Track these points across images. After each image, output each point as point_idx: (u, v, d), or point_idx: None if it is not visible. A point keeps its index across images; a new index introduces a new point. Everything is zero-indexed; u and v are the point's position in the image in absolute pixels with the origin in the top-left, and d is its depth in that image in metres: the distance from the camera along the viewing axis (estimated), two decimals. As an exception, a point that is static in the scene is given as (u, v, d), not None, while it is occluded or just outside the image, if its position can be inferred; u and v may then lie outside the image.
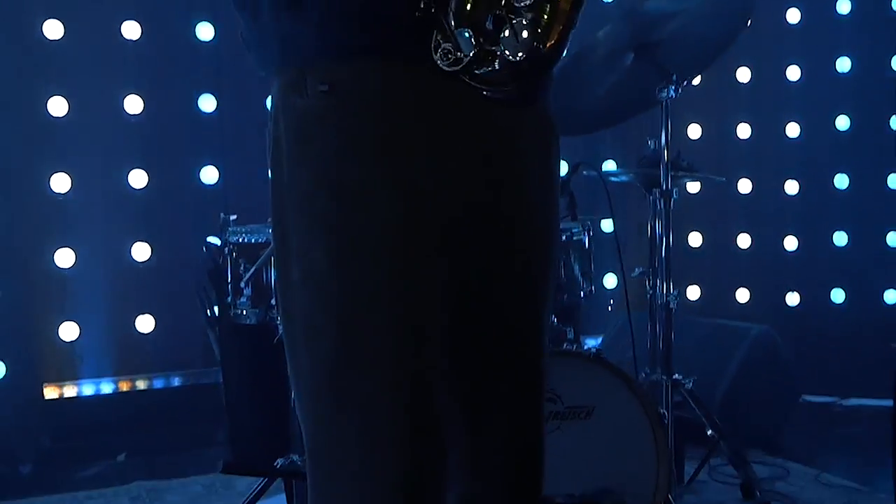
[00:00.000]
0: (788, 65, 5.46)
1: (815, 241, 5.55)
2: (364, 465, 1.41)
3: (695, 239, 5.50)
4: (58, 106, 4.35)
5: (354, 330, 1.40)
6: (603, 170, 3.44)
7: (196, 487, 3.86)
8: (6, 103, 4.19)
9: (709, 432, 3.34)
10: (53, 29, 4.33)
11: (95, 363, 4.50)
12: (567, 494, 2.30)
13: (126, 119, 4.48)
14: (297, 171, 1.44)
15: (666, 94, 3.04)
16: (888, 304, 5.51)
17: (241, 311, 2.88)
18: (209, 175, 4.62)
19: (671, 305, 3.09)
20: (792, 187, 5.53)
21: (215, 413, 4.07)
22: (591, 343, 4.82)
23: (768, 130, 5.48)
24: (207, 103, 4.58)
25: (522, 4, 1.34)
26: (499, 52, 1.34)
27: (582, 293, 3.14)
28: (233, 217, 3.07)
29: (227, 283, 2.92)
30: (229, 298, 2.92)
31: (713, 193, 5.33)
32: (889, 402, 4.86)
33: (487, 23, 1.34)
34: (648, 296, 3.23)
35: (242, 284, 2.86)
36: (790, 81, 5.48)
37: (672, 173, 3.18)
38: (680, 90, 3.02)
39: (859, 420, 4.64)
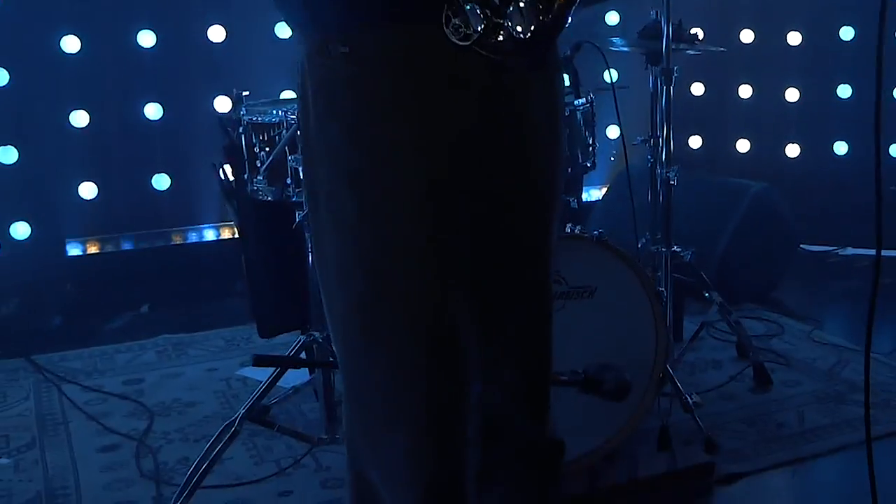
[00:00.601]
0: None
1: (818, 92, 5.58)
2: (393, 389, 1.57)
3: (697, 89, 5.56)
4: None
5: (382, 273, 1.54)
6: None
7: (218, 341, 4.07)
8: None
9: (706, 295, 3.50)
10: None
11: (115, 220, 4.64)
12: (571, 371, 2.45)
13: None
14: (324, 126, 1.56)
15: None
16: (891, 157, 5.56)
17: (258, 189, 2.99)
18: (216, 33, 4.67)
19: (671, 181, 3.19)
20: (795, 38, 5.53)
21: (232, 266, 4.25)
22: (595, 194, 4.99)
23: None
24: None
25: None
26: (506, 25, 1.42)
27: (586, 164, 3.25)
28: (245, 92, 3.14)
29: (244, 160, 3.01)
30: (246, 175, 3.02)
31: (716, 41, 5.35)
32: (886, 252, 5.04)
33: None
34: (649, 164, 3.31)
35: (258, 163, 2.95)
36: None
37: (674, 46, 3.23)
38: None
39: (857, 271, 4.77)
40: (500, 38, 1.44)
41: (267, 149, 2.94)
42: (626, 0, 4.01)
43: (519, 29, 1.42)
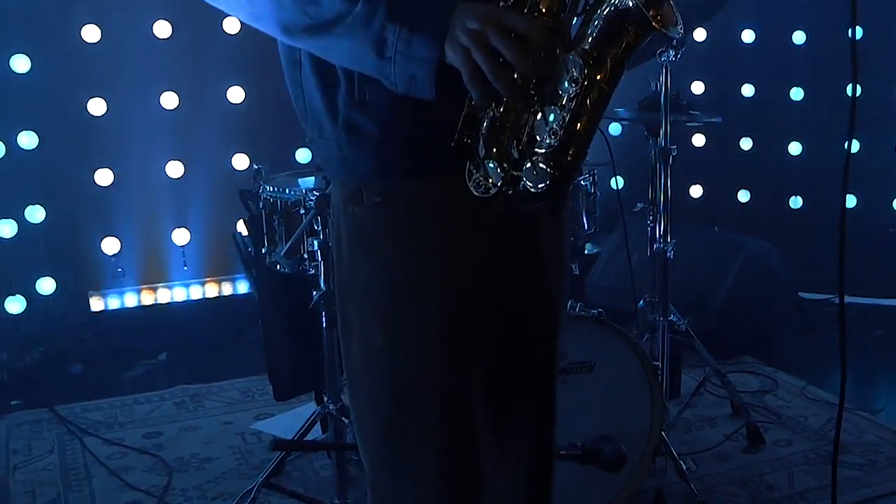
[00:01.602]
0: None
1: (819, 147, 5.69)
2: (414, 498, 1.78)
3: (698, 140, 5.70)
4: (91, 33, 4.54)
5: (406, 398, 1.75)
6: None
7: (233, 392, 4.24)
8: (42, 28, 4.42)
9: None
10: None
11: (136, 273, 4.82)
12: (570, 444, 2.62)
13: (157, 44, 4.67)
14: (358, 267, 1.76)
15: (666, 56, 3.24)
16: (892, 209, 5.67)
17: (276, 262, 3.16)
18: (235, 94, 4.85)
19: (668, 254, 3.35)
20: (797, 94, 5.66)
21: (246, 317, 4.43)
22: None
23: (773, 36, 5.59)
24: (231, 25, 4.75)
25: (542, 145, 1.58)
26: (523, 179, 1.60)
27: (588, 232, 3.43)
28: (265, 168, 3.32)
29: (263, 234, 3.19)
30: (265, 249, 3.19)
31: (715, 96, 5.51)
32: (883, 301, 5.17)
33: (513, 152, 1.60)
34: (648, 230, 3.47)
35: (277, 238, 3.12)
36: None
37: (672, 118, 3.39)
38: (679, 55, 3.22)
39: (853, 320, 4.89)
40: (518, 189, 1.61)
41: (285, 224, 3.12)
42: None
43: (534, 185, 1.59)
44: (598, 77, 1.57)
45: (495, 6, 1.62)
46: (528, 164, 1.59)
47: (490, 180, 1.62)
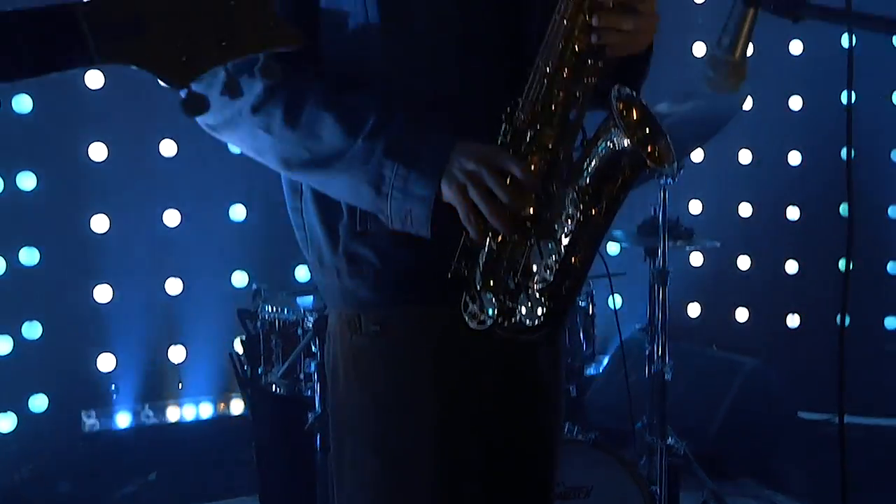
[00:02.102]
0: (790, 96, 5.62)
1: (816, 265, 5.70)
2: None
3: (696, 259, 5.73)
4: (98, 152, 4.59)
5: None
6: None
7: (225, 513, 4.17)
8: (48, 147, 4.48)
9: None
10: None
11: (131, 391, 4.79)
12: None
13: (160, 162, 4.72)
14: (353, 394, 1.77)
15: (664, 180, 3.28)
16: (889, 330, 5.68)
17: (272, 382, 3.15)
18: (237, 212, 4.88)
19: (666, 376, 3.35)
20: (793, 213, 5.70)
21: (237, 437, 4.38)
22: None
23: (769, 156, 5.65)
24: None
25: (539, 279, 1.60)
26: (518, 311, 1.61)
27: (586, 354, 3.43)
28: (265, 286, 3.33)
29: (260, 355, 3.18)
30: (261, 369, 3.19)
31: (713, 216, 5.55)
32: (884, 421, 5.13)
33: (509, 284, 1.62)
34: (646, 353, 3.47)
35: (274, 359, 3.12)
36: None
37: (671, 242, 3.42)
38: (677, 178, 3.26)
39: (852, 441, 4.84)
40: (514, 321, 1.62)
41: (283, 344, 3.12)
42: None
43: (530, 318, 1.60)
44: (594, 212, 1.60)
45: (492, 146, 1.65)
46: (524, 297, 1.60)
47: (486, 312, 1.63)
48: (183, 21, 1.11)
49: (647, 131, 1.65)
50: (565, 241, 1.59)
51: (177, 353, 4.81)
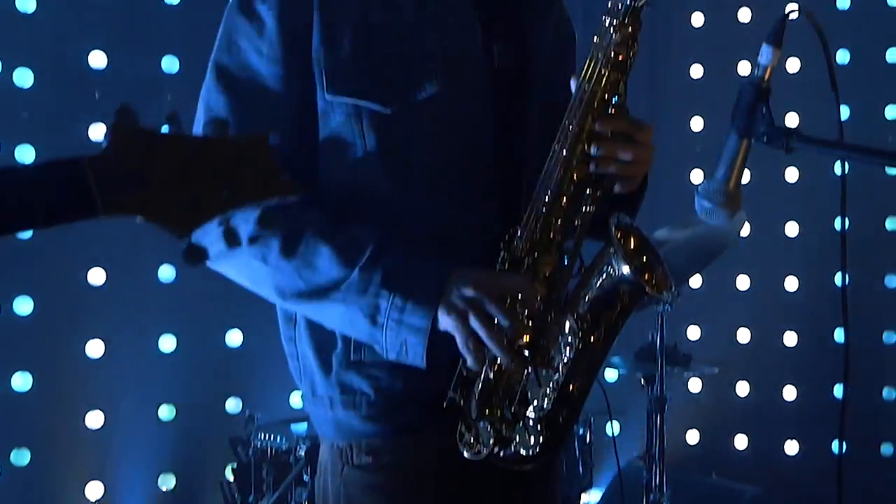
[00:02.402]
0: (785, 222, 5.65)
1: (814, 391, 5.66)
2: None
3: (694, 385, 5.69)
4: (96, 276, 4.59)
5: None
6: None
7: None
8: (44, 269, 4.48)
9: None
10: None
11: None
12: None
13: (157, 287, 4.72)
14: None
15: (661, 307, 3.27)
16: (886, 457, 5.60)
17: (264, 512, 3.09)
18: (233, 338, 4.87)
19: (664, 508, 3.30)
20: (791, 339, 5.68)
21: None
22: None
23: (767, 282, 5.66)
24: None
25: (535, 407, 1.59)
26: (515, 441, 1.59)
27: (583, 483, 3.37)
28: (258, 414, 3.29)
29: (251, 483, 3.13)
30: (251, 498, 3.13)
31: (712, 342, 5.53)
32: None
33: (506, 413, 1.60)
34: (644, 486, 3.42)
35: (265, 488, 3.06)
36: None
37: (669, 368, 3.40)
38: (674, 304, 3.25)
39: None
40: (510, 450, 1.59)
41: (274, 472, 3.07)
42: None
43: (526, 448, 1.58)
44: (592, 340, 1.59)
45: (490, 271, 1.65)
46: (521, 426, 1.58)
47: (482, 441, 1.60)
48: (185, 173, 1.14)
49: (646, 259, 1.66)
50: (563, 369, 1.58)
51: (167, 481, 4.73)
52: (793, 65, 4.58)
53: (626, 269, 1.59)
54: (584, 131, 1.70)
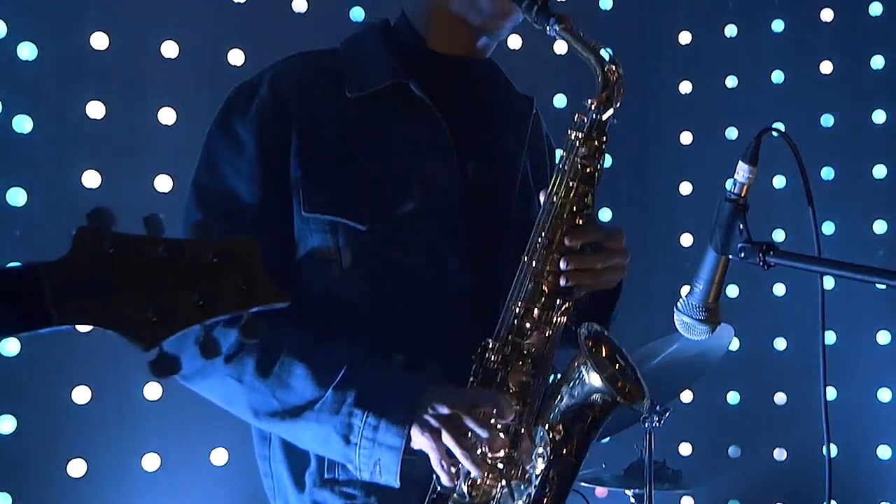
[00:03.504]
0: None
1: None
2: None
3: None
4: (80, 394, 4.54)
5: None
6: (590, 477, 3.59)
7: None
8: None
9: None
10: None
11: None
12: None
13: (143, 405, 4.66)
14: None
15: (650, 423, 3.24)
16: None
17: None
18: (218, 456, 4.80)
19: None
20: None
21: None
22: None
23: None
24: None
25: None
26: None
27: None
28: None
29: None
30: None
31: (704, 458, 5.46)
32: None
33: None
34: None
35: None
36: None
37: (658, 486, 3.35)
38: (663, 420, 3.22)
39: None
40: None
41: None
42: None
43: None
44: (565, 452, 1.57)
45: (463, 388, 1.64)
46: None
47: None
48: (156, 281, 1.06)
49: (617, 367, 1.65)
50: (536, 481, 1.56)
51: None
52: (779, 181, 4.62)
53: (597, 380, 1.58)
54: (554, 243, 1.71)
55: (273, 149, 1.78)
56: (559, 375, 1.69)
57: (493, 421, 1.60)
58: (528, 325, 1.69)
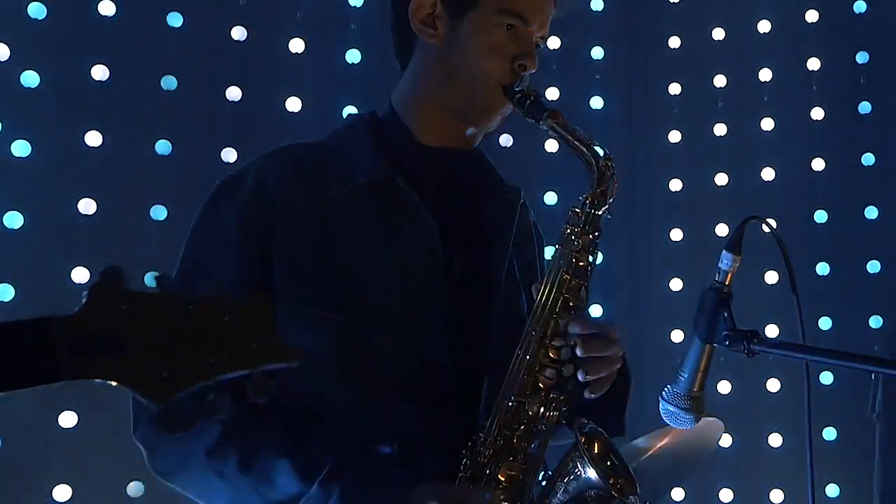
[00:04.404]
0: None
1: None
2: None
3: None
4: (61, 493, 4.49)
5: None
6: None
7: None
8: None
9: None
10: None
11: None
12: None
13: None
14: None
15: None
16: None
17: None
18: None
19: None
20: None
21: None
22: None
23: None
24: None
25: None
26: None
27: None
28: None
29: None
30: None
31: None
32: None
33: None
34: None
35: None
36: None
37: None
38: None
39: None
40: None
41: None
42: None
43: None
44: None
45: (453, 486, 1.62)
46: None
47: None
48: (169, 338, 1.08)
49: (610, 464, 1.65)
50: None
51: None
52: (771, 277, 4.64)
53: (592, 474, 1.58)
54: (547, 336, 1.71)
55: (256, 243, 1.79)
56: (550, 472, 1.69)
57: None
58: (520, 419, 1.68)
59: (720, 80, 4.82)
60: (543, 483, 1.69)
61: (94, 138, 3.89)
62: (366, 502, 1.60)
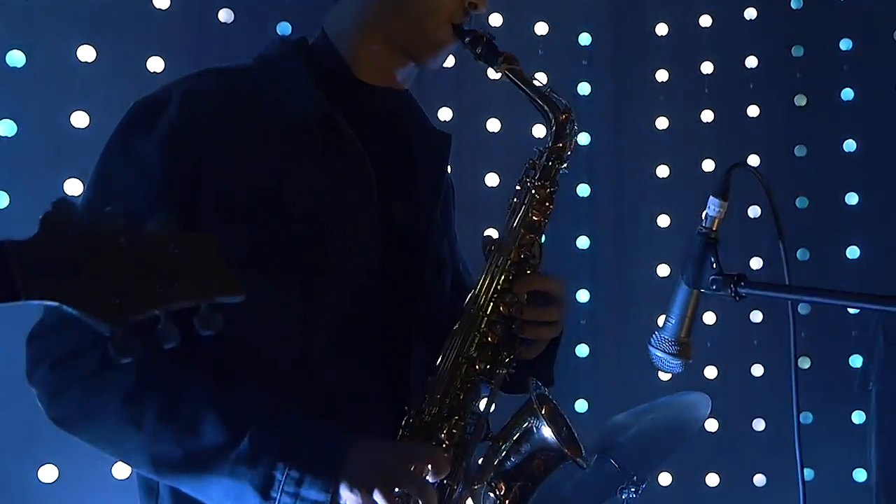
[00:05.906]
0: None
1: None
2: None
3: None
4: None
5: None
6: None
7: None
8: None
9: None
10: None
11: None
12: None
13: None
14: None
15: (627, 494, 3.20)
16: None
17: None
18: None
19: None
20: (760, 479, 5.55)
21: None
22: None
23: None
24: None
25: None
26: None
27: None
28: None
29: None
30: None
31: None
32: None
33: None
34: None
35: None
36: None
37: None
38: (640, 491, 3.19)
39: None
40: None
41: None
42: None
43: None
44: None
45: (395, 442, 1.58)
46: None
47: None
48: (119, 269, 1.08)
49: (559, 427, 1.65)
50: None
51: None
52: (753, 211, 4.67)
53: (548, 434, 1.57)
54: (499, 292, 1.69)
55: (183, 176, 1.66)
56: (495, 432, 1.67)
57: (426, 477, 1.51)
58: (465, 376, 1.65)
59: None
60: (489, 443, 1.67)
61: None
62: (302, 458, 1.50)
